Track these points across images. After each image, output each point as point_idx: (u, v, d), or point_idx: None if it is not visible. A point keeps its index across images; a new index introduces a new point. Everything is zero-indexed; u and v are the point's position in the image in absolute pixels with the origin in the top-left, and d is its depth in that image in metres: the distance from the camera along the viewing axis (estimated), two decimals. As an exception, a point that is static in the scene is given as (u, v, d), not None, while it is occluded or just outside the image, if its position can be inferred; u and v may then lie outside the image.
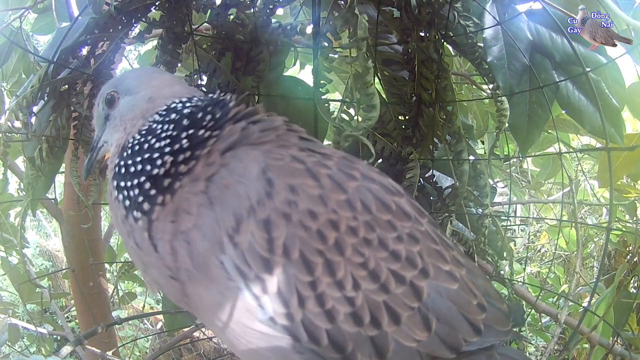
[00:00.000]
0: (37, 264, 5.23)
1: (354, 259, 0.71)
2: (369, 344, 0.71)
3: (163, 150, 0.80)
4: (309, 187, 0.72)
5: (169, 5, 1.34)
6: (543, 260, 4.33)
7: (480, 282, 0.85)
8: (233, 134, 0.79)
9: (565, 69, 1.37)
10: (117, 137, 0.89)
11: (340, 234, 0.71)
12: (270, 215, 0.69)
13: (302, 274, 0.69)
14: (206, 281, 0.72)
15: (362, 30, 1.07)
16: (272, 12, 1.38)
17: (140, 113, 0.87)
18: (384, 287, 0.72)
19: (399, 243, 0.75)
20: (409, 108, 1.46)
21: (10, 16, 1.71)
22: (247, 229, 0.69)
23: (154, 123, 0.85)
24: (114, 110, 0.91)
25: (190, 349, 4.17)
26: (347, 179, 0.75)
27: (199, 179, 0.75)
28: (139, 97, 0.89)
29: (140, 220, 0.78)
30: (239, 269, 0.69)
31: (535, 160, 2.78)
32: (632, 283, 2.35)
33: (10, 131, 1.41)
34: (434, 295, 0.76)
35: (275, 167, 0.73)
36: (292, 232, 0.69)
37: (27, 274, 1.99)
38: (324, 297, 0.69)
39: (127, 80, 0.92)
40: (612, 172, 1.31)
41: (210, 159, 0.77)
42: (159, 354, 2.43)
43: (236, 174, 0.73)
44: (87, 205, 1.54)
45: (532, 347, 3.80)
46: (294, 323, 0.69)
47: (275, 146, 0.79)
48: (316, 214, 0.71)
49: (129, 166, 0.82)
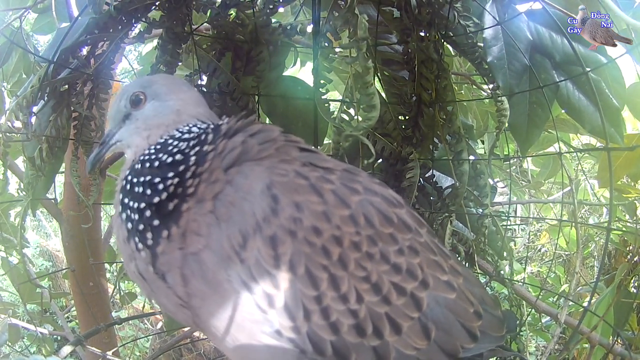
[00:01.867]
0: (37, 264, 5.23)
1: (357, 273, 0.73)
2: (371, 353, 0.73)
3: (166, 174, 0.79)
4: (313, 204, 0.73)
5: (169, 5, 1.34)
6: (543, 260, 4.33)
7: (476, 290, 0.88)
8: (234, 149, 0.80)
9: (565, 69, 1.37)
10: (137, 140, 0.88)
11: (343, 249, 0.73)
12: (276, 232, 0.71)
13: (307, 289, 0.71)
14: (217, 297, 0.73)
15: (362, 30, 1.07)
16: (272, 12, 1.37)
17: (165, 123, 0.87)
18: (385, 299, 0.74)
19: (400, 256, 0.77)
20: (409, 108, 1.46)
21: (11, 16, 1.71)
22: (253, 246, 0.70)
23: (172, 139, 0.84)
24: (137, 111, 0.89)
25: (190, 349, 4.18)
26: (350, 193, 0.77)
27: (205, 199, 0.75)
28: (167, 106, 0.88)
29: (143, 252, 0.78)
30: (246, 284, 0.70)
31: (535, 160, 2.78)
32: (633, 282, 2.34)
33: (11, 131, 1.41)
34: (433, 305, 0.78)
35: (280, 184, 0.74)
36: (298, 249, 0.71)
37: (27, 274, 1.99)
38: (328, 311, 0.71)
39: (157, 85, 0.91)
40: (612, 172, 1.31)
41: (213, 176, 0.77)
42: (159, 353, 2.43)
43: (242, 191, 0.74)
44: (87, 205, 1.54)
45: (533, 346, 3.80)
46: (299, 335, 0.71)
47: (277, 161, 0.80)
48: (320, 230, 0.72)
49: (134, 185, 0.81)
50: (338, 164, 0.84)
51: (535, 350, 3.84)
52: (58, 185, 2.72)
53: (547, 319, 2.80)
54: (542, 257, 4.40)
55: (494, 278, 1.66)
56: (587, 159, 3.16)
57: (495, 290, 2.33)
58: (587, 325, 1.73)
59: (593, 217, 3.73)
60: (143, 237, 0.77)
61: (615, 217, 2.47)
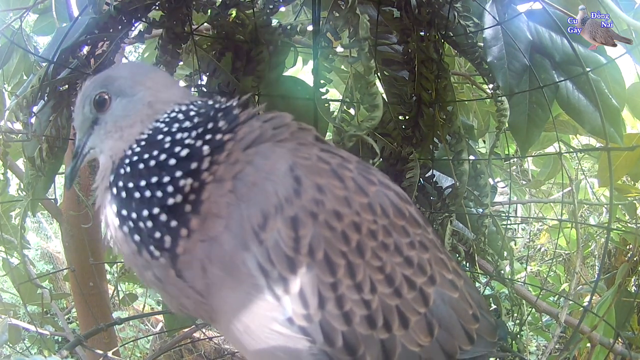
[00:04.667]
0: (39, 267, 5.22)
1: (372, 262, 0.72)
2: (378, 347, 0.72)
3: (174, 173, 0.72)
4: (336, 188, 0.72)
5: (169, 5, 1.34)
6: (544, 259, 4.33)
7: (474, 293, 0.88)
8: (252, 132, 0.77)
9: (565, 69, 1.37)
10: (110, 144, 0.80)
11: (362, 237, 0.72)
12: (298, 213, 0.69)
13: (324, 275, 0.69)
14: (232, 282, 0.71)
15: (363, 30, 1.07)
16: (272, 12, 1.38)
17: (139, 119, 0.79)
18: (397, 291, 0.74)
19: (412, 249, 0.77)
20: (409, 108, 1.46)
21: (11, 17, 1.71)
22: (274, 226, 0.68)
23: (157, 133, 0.77)
24: (105, 114, 0.81)
25: (190, 350, 4.17)
26: (368, 183, 0.76)
27: (225, 179, 0.72)
28: (136, 101, 0.80)
29: (162, 258, 0.72)
30: (262, 267, 0.68)
31: (535, 160, 2.78)
32: (633, 282, 2.34)
33: (11, 132, 1.41)
34: (439, 302, 0.78)
35: (303, 166, 0.72)
36: (318, 232, 0.69)
37: (28, 274, 1.99)
38: (343, 299, 0.70)
39: (120, 80, 0.82)
40: (612, 172, 1.31)
41: (232, 157, 0.74)
42: (160, 354, 2.43)
43: (264, 171, 0.71)
44: (87, 205, 1.54)
45: (533, 346, 3.80)
46: (312, 324, 0.69)
47: (297, 144, 0.78)
48: (342, 214, 0.71)
49: (133, 190, 0.73)
50: (351, 156, 0.83)
51: (536, 350, 3.84)
52: (58, 187, 2.72)
53: (547, 318, 2.80)
54: (543, 256, 4.40)
55: (494, 278, 1.66)
56: (587, 158, 3.15)
57: (496, 289, 2.33)
58: (588, 325, 1.73)
59: (593, 216, 3.73)
60: (160, 243, 0.72)
61: (615, 217, 2.47)
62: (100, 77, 0.85)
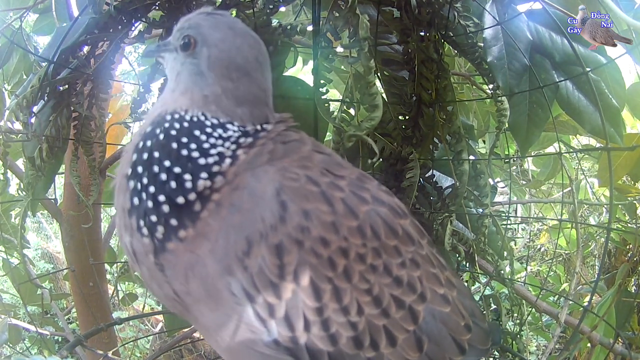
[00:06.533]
0: (39, 267, 5.23)
1: (360, 285, 0.72)
2: None
3: (199, 174, 0.72)
4: (323, 213, 0.71)
5: (169, 5, 1.34)
6: (544, 259, 4.34)
7: (467, 302, 0.88)
8: (261, 155, 0.76)
9: (565, 69, 1.37)
10: (189, 86, 0.78)
11: (349, 261, 0.72)
12: (283, 240, 0.69)
13: (310, 300, 0.69)
14: (213, 303, 0.71)
15: (363, 30, 1.07)
16: (272, 12, 1.38)
17: (200, 97, 0.77)
18: (385, 312, 0.74)
19: (402, 269, 0.76)
20: (409, 108, 1.46)
21: (11, 17, 1.71)
22: (258, 253, 0.68)
23: (207, 126, 0.76)
24: (197, 59, 0.78)
25: (190, 350, 4.18)
26: (359, 203, 0.75)
27: (223, 205, 0.72)
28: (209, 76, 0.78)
29: (146, 239, 0.73)
30: (247, 293, 0.69)
31: (535, 160, 2.78)
32: (633, 282, 2.35)
33: (11, 132, 1.41)
34: (429, 319, 0.78)
35: (290, 189, 0.71)
36: (304, 259, 0.69)
37: (28, 274, 1.99)
38: (329, 322, 0.70)
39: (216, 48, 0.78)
40: (612, 172, 1.31)
41: (236, 180, 0.73)
42: (160, 354, 2.43)
43: (256, 196, 0.71)
44: (87, 205, 1.54)
45: (533, 346, 3.81)
46: (297, 346, 0.70)
47: (290, 162, 0.76)
48: (328, 241, 0.70)
49: (155, 162, 0.73)
50: (345, 167, 0.82)
51: (536, 350, 3.84)
52: (58, 187, 2.73)
53: (547, 318, 2.80)
54: (543, 256, 4.40)
55: (494, 278, 1.66)
56: (587, 158, 3.16)
57: (496, 289, 2.34)
58: (588, 325, 1.73)
59: (593, 216, 3.73)
60: (152, 228, 0.72)
61: (615, 217, 2.47)
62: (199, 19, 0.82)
